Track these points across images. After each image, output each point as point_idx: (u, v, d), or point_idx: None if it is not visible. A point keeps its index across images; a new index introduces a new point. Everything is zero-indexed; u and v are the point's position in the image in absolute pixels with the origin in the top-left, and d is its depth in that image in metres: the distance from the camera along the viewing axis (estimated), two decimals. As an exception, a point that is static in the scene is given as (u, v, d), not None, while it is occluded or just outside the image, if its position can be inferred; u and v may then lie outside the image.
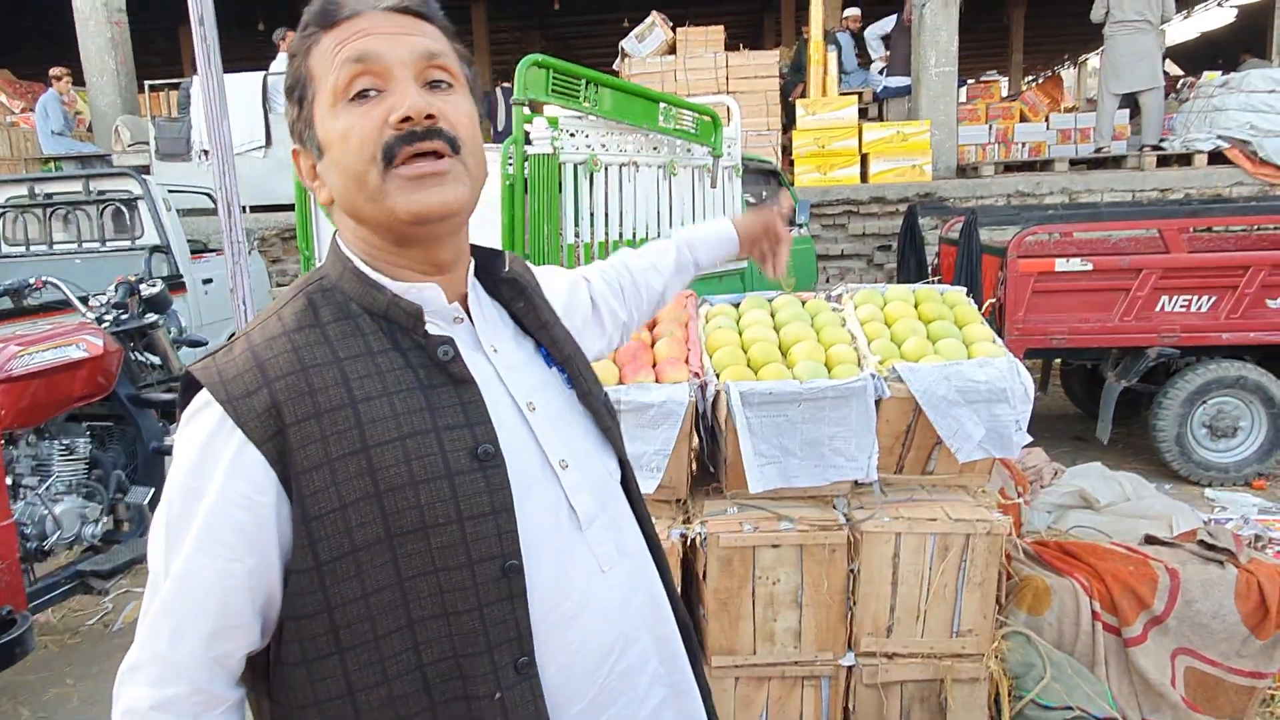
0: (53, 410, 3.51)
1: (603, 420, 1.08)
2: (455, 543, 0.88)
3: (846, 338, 2.47)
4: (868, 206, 8.08)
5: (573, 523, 0.99)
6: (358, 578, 0.87)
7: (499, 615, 0.91)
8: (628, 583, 1.04)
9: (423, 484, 0.88)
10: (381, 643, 0.88)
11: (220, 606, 0.87)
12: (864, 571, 2.24)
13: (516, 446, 0.95)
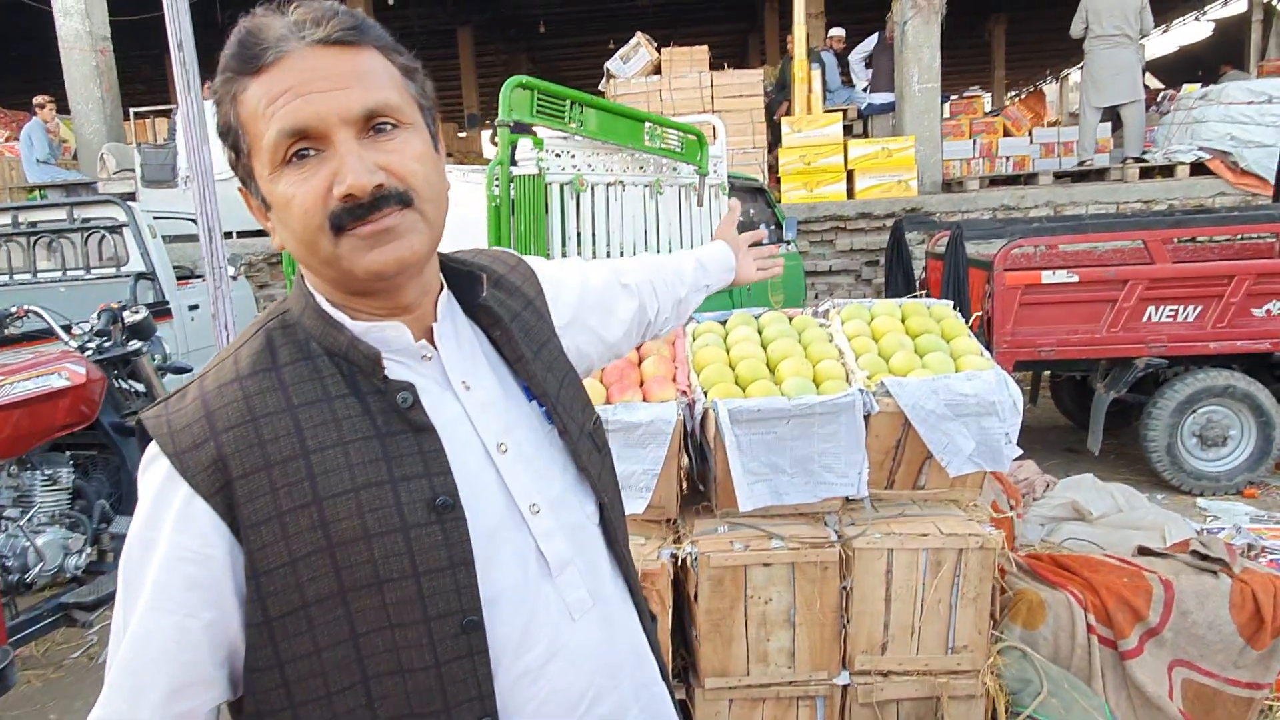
0: (35, 440, 3.46)
1: (581, 459, 1.02)
2: (411, 599, 0.85)
3: (834, 353, 2.46)
4: (855, 222, 8.12)
5: (542, 570, 0.94)
6: (309, 633, 0.85)
7: (458, 673, 0.88)
8: (602, 629, 0.99)
9: (376, 537, 0.85)
10: (334, 699, 0.86)
11: (178, 664, 0.84)
12: (857, 589, 2.21)
13: (482, 493, 0.92)
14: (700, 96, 8.64)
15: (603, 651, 0.99)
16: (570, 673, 0.95)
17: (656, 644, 1.12)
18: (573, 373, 1.10)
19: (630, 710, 1.02)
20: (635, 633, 1.07)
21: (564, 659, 0.95)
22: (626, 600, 1.07)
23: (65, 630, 3.94)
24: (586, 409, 1.09)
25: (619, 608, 1.05)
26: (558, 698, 0.94)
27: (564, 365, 1.09)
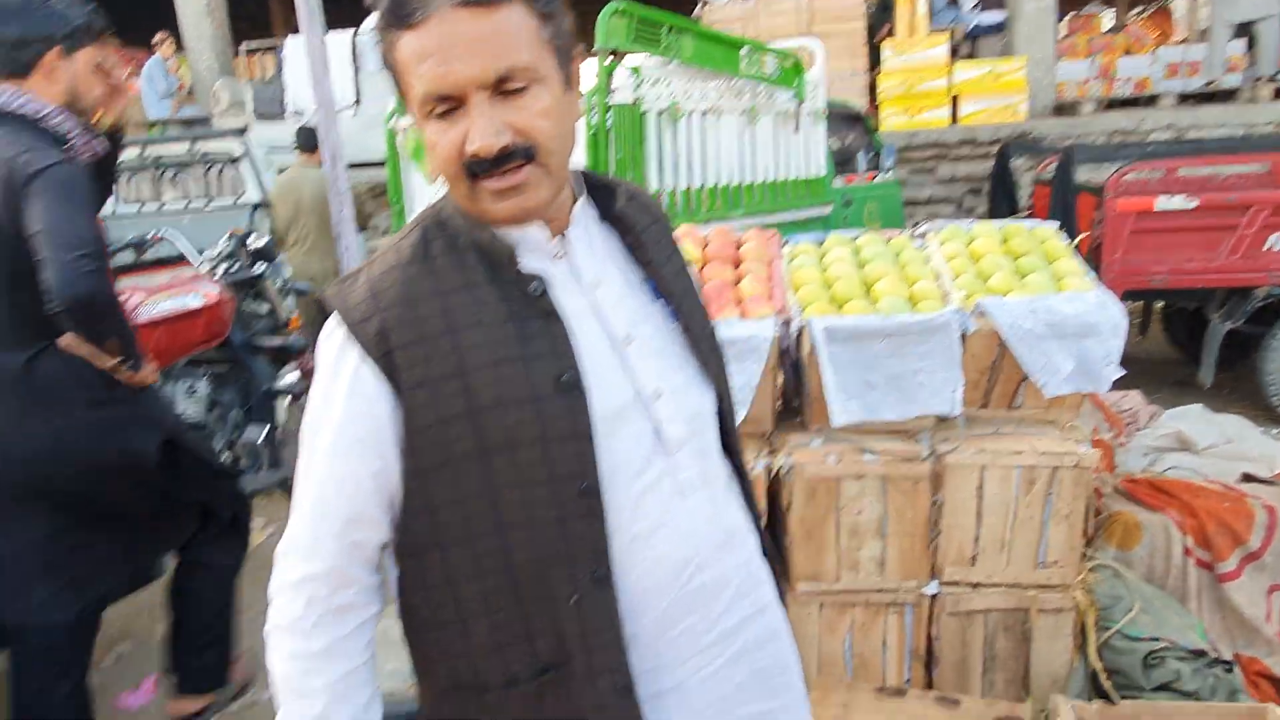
0: (176, 355, 3.77)
1: (702, 355, 1.13)
2: (537, 461, 0.98)
3: (930, 274, 2.47)
4: (957, 149, 7.86)
5: (658, 448, 1.05)
6: (454, 484, 1.00)
7: (578, 530, 1.00)
8: (709, 508, 1.10)
9: (510, 406, 0.98)
10: (477, 542, 1.01)
11: (349, 502, 1.02)
12: (948, 504, 2.26)
13: (607, 377, 1.03)
14: (798, 19, 8.41)
15: (707, 528, 1.10)
16: (676, 543, 1.06)
17: (759, 528, 1.23)
18: (694, 285, 1.20)
19: (731, 583, 1.13)
20: (738, 515, 1.18)
21: (671, 530, 1.06)
22: (733, 486, 1.19)
23: (205, 529, 4.33)
24: (705, 316, 1.19)
25: (725, 491, 1.17)
26: (664, 563, 1.06)
27: (686, 277, 1.20)
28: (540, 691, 1.04)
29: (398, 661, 2.62)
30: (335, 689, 1.03)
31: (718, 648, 1.11)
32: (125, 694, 3.11)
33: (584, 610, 1.01)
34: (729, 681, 1.13)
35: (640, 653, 1.06)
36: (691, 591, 1.08)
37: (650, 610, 1.06)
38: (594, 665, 1.03)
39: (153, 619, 3.61)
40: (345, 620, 1.04)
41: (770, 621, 1.19)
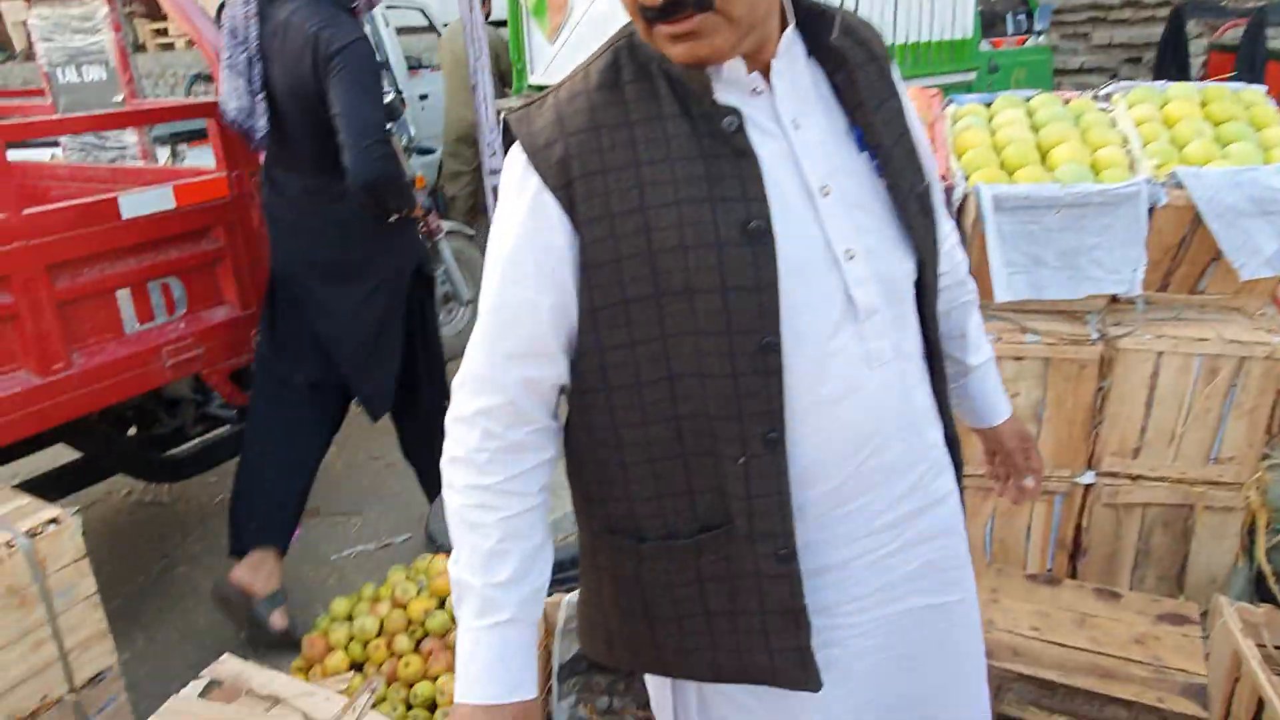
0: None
1: (907, 216, 1.01)
2: (716, 310, 0.92)
3: (1117, 139, 2.23)
4: (1119, 11, 7.12)
5: (848, 313, 0.97)
6: (626, 327, 0.94)
7: (752, 387, 0.94)
8: (898, 383, 1.02)
9: (692, 249, 0.91)
10: (643, 389, 0.96)
11: (525, 332, 0.97)
12: (1115, 391, 2.11)
13: (798, 228, 0.94)
14: None
15: (895, 405, 1.01)
16: (859, 415, 0.99)
17: (947, 414, 1.12)
18: (909, 135, 1.06)
19: (913, 467, 1.05)
20: (928, 397, 1.08)
21: (856, 401, 0.98)
22: (926, 365, 1.09)
23: (336, 381, 4.51)
24: (918, 172, 1.05)
25: (918, 368, 1.07)
26: (843, 435, 0.99)
27: (900, 125, 1.05)
28: (699, 548, 1.01)
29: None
30: (508, 525, 1.00)
31: (890, 533, 1.05)
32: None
33: (751, 472, 0.96)
34: (898, 570, 1.07)
35: (807, 524, 1.01)
36: (870, 469, 1.01)
37: (823, 482, 1.00)
38: (756, 529, 0.98)
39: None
40: (521, 459, 1.01)
41: (947, 514, 1.12)
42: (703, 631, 1.04)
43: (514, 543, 1.00)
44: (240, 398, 2.99)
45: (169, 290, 2.71)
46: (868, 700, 1.09)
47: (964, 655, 1.18)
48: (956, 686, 1.17)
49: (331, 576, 3.00)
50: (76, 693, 1.89)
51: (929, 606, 1.10)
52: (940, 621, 1.12)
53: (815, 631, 1.02)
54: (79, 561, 1.87)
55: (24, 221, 2.32)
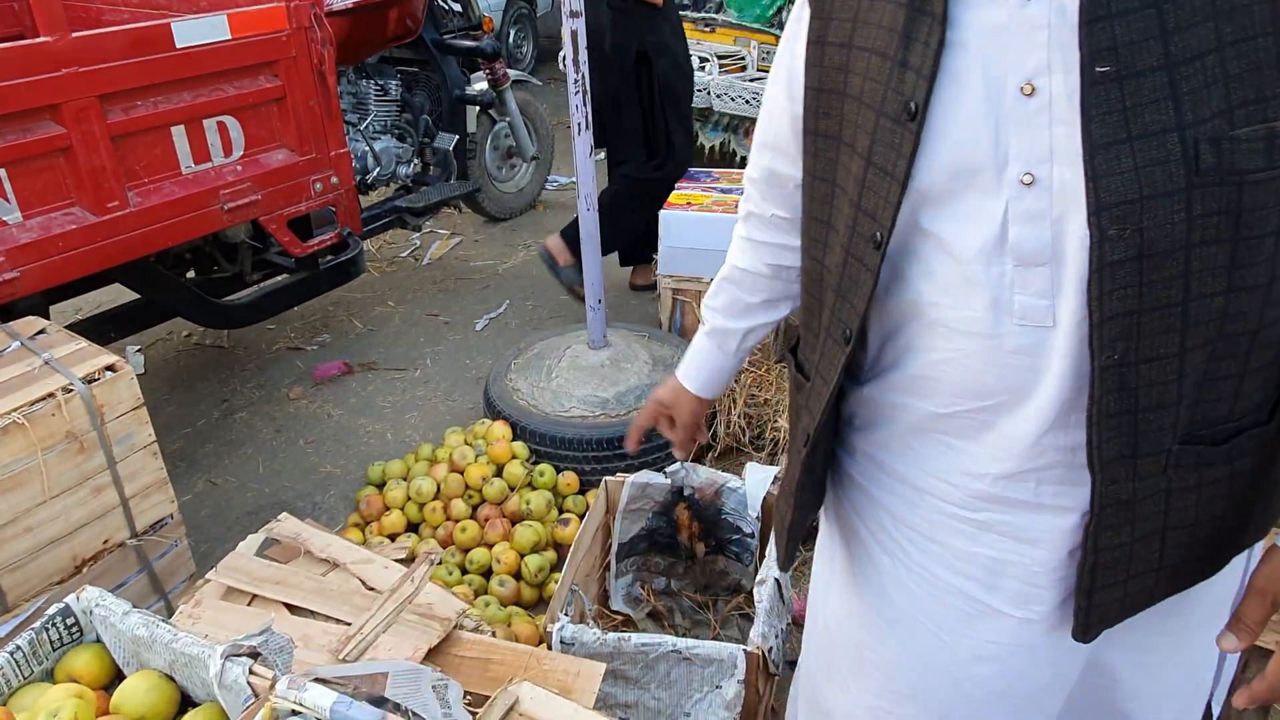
0: (368, 49, 3.61)
1: (1125, 158, 0.72)
2: (857, 180, 0.85)
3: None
4: None
5: (997, 251, 0.78)
6: (813, 157, 0.92)
7: (852, 274, 0.88)
8: (1048, 355, 0.80)
9: (863, 107, 0.83)
10: (813, 223, 0.95)
11: (770, 125, 1.03)
12: None
13: (966, 126, 0.76)
14: None
15: (1040, 378, 0.81)
16: (981, 366, 0.83)
17: (1092, 437, 0.82)
18: (1274, 41, 0.69)
19: (1029, 457, 0.85)
20: (1087, 382, 0.81)
21: (982, 350, 0.82)
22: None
23: (395, 232, 4.41)
24: (1241, 109, 0.69)
25: (1086, 348, 0.79)
26: (959, 375, 0.85)
27: (1253, 23, 0.68)
28: (797, 384, 1.05)
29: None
30: (732, 269, 1.16)
31: (968, 499, 0.91)
32: (321, 366, 3.30)
33: (825, 350, 0.95)
34: (959, 540, 0.93)
35: (909, 426, 0.94)
36: (976, 424, 0.87)
37: (936, 403, 0.89)
38: (809, 403, 0.99)
39: (350, 315, 3.78)
40: (763, 230, 1.11)
41: (1044, 525, 0.89)
42: None
43: (730, 285, 1.18)
44: (299, 247, 2.90)
45: (225, 130, 2.58)
46: (897, 655, 1.02)
47: (1018, 677, 0.97)
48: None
49: (389, 430, 2.99)
50: (138, 538, 1.89)
51: (984, 606, 0.94)
52: (994, 632, 0.94)
53: (880, 528, 1.01)
54: (136, 410, 1.83)
55: (73, 46, 2.18)
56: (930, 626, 0.98)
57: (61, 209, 2.27)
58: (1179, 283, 0.74)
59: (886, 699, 1.04)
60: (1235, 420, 0.82)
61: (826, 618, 1.14)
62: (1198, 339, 0.76)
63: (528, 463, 2.53)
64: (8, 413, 1.62)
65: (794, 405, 1.09)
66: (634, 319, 3.52)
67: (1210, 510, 0.84)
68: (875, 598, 1.03)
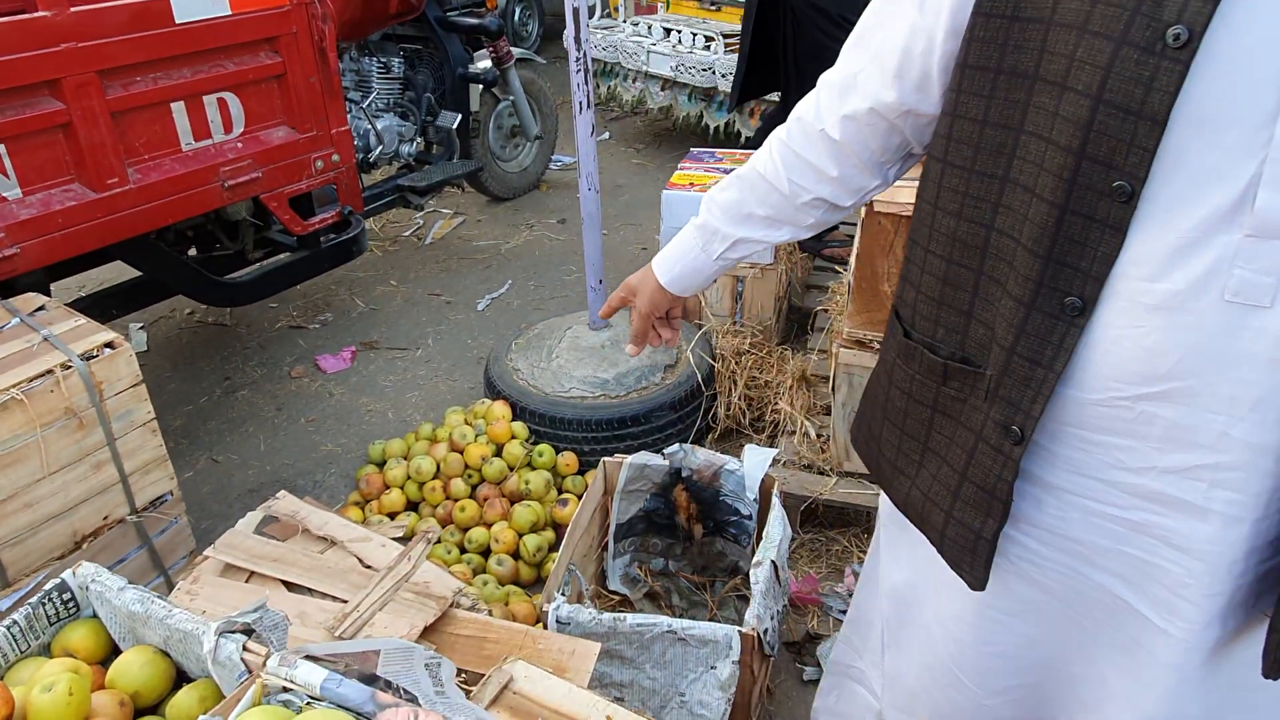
0: (371, 27, 3.58)
1: None
2: (1078, 121, 0.72)
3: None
4: None
5: (1234, 213, 0.69)
6: (988, 99, 0.80)
7: (1078, 232, 0.75)
8: (1253, 341, 0.71)
9: (1088, 35, 0.70)
10: (973, 179, 0.83)
11: (878, 36, 0.91)
12: None
13: (1243, 68, 0.65)
14: None
15: (1235, 366, 0.73)
16: (1167, 344, 0.74)
17: None
18: None
19: (1200, 453, 0.77)
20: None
21: (1173, 325, 0.73)
22: None
23: (398, 211, 4.40)
24: None
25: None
26: (1136, 353, 0.75)
27: None
28: (946, 373, 0.91)
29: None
30: (752, 174, 1.05)
31: (1123, 497, 0.83)
32: (326, 356, 3.29)
33: (1028, 326, 0.80)
34: (1106, 539, 0.86)
35: (1051, 422, 0.84)
36: (1143, 414, 0.78)
37: (1089, 390, 0.80)
38: (1000, 389, 0.85)
39: (352, 294, 3.78)
40: (809, 145, 1.00)
41: (1204, 534, 0.80)
42: (914, 458, 0.98)
43: (742, 185, 1.07)
44: (300, 225, 2.89)
45: (226, 107, 2.57)
46: (1027, 635, 0.97)
47: (1142, 687, 0.90)
48: (1117, 710, 0.93)
49: (389, 410, 2.99)
50: (137, 514, 1.90)
51: (1128, 605, 0.88)
52: (1135, 629, 0.89)
53: (1002, 535, 0.90)
54: (135, 387, 1.83)
55: (72, 20, 2.17)
56: (1065, 611, 0.93)
57: (61, 185, 2.26)
58: None
59: (1012, 678, 1.00)
60: None
61: (925, 621, 1.08)
62: None
63: (527, 443, 2.53)
64: (6, 389, 1.63)
65: (929, 397, 0.94)
66: (636, 300, 3.51)
67: None
68: (994, 596, 0.95)
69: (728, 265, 1.14)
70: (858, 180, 1.01)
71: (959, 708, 1.06)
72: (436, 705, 0.88)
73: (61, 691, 0.99)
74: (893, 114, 0.92)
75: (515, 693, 1.12)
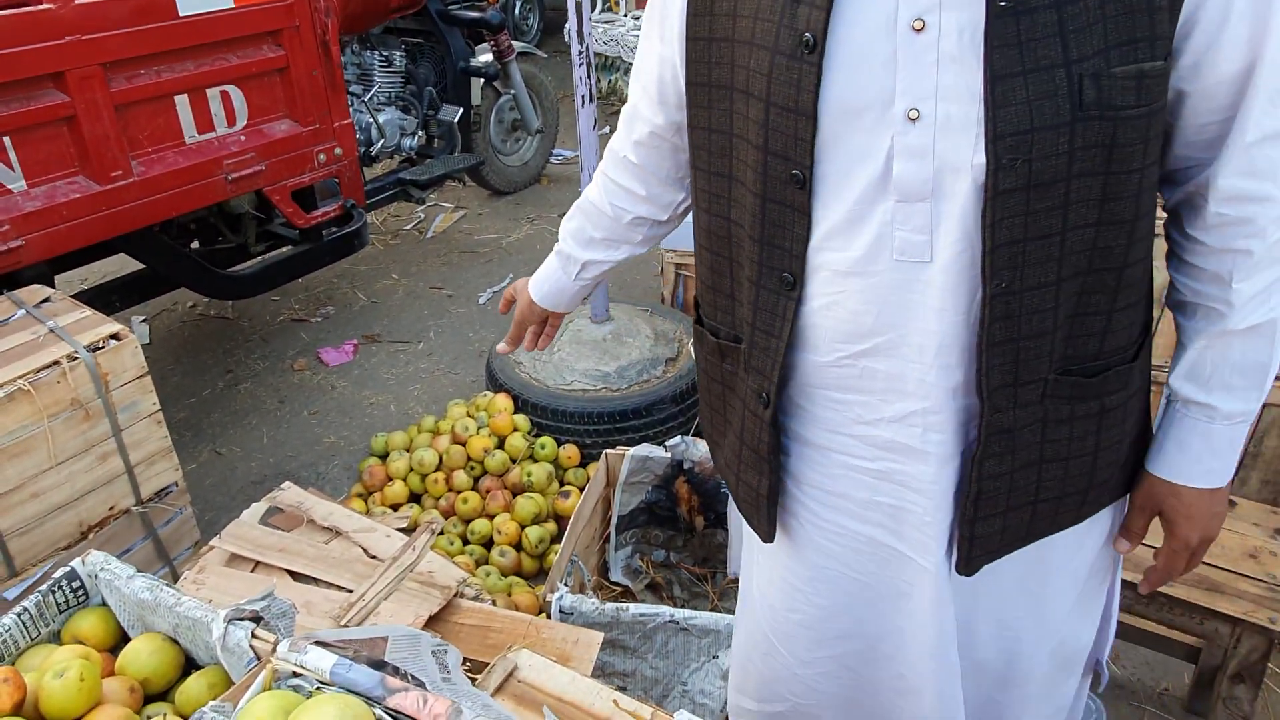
0: (373, 19, 3.59)
1: (1009, 90, 0.74)
2: (758, 121, 0.84)
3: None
4: None
5: (882, 185, 0.80)
6: (706, 109, 0.91)
7: (776, 217, 0.87)
8: (924, 293, 0.82)
9: (755, 48, 0.83)
10: (710, 178, 0.94)
11: (647, 75, 1.02)
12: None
13: (859, 61, 0.78)
14: None
15: (911, 315, 0.83)
16: (863, 304, 0.85)
17: (981, 364, 0.83)
18: None
19: (914, 398, 0.86)
20: (969, 331, 0.83)
21: (865, 286, 0.84)
22: (976, 283, 0.81)
23: (399, 205, 4.40)
24: (1116, 49, 0.73)
25: (966, 293, 0.81)
26: (842, 315, 0.87)
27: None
28: (721, 352, 1.02)
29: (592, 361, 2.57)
30: (587, 203, 1.18)
31: (869, 448, 0.93)
32: (328, 350, 3.30)
33: (760, 302, 0.92)
34: (865, 491, 0.95)
35: (799, 385, 0.94)
36: (862, 370, 0.88)
37: (817, 352, 0.91)
38: (751, 361, 0.96)
39: (354, 288, 3.78)
40: (618, 169, 1.13)
41: (928, 472, 0.90)
42: (721, 429, 1.08)
43: (580, 213, 1.20)
44: (302, 218, 2.90)
45: (229, 99, 2.57)
46: (822, 607, 1.04)
47: (921, 625, 0.98)
48: (915, 652, 1.00)
49: (392, 403, 3.01)
50: (143, 505, 1.91)
51: (894, 550, 0.96)
52: (907, 572, 0.97)
53: (783, 490, 1.01)
54: (141, 379, 1.84)
55: (76, 13, 2.17)
56: (849, 573, 1.01)
57: (65, 178, 2.27)
58: (1059, 213, 0.78)
59: (816, 649, 1.07)
60: (1104, 358, 0.87)
61: (750, 591, 1.16)
62: (1071, 269, 0.80)
63: (529, 435, 2.54)
64: (13, 380, 1.64)
65: (718, 374, 1.04)
66: (636, 293, 3.52)
67: (1082, 445, 0.89)
68: (791, 560, 1.05)
69: (589, 285, 1.25)
70: (666, 197, 1.13)
71: (778, 676, 1.13)
72: (444, 691, 0.89)
73: (73, 677, 1.00)
74: (669, 134, 1.04)
75: (520, 681, 1.13)
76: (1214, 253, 0.84)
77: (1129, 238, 0.81)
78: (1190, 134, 0.81)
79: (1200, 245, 0.85)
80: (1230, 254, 0.83)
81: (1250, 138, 0.78)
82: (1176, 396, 0.92)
